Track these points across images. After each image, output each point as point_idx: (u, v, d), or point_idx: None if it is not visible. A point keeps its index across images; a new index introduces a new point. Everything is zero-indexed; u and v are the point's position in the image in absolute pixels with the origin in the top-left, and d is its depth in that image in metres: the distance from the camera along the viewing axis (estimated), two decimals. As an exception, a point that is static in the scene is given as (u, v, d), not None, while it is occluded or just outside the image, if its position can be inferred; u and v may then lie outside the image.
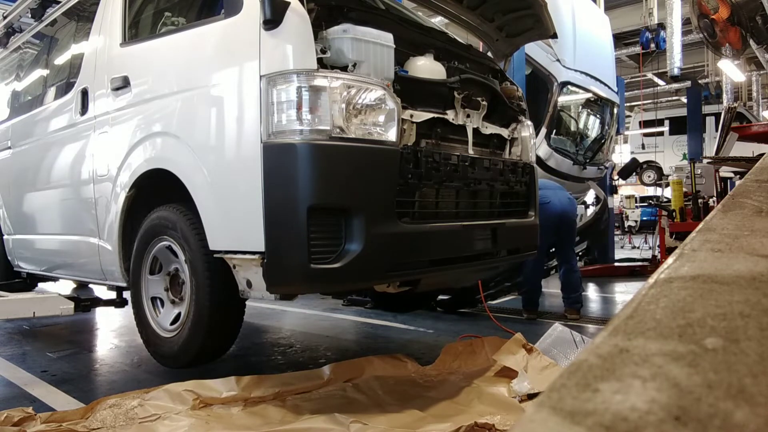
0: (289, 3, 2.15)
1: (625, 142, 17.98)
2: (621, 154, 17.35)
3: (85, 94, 3.22)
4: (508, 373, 2.49)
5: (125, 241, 2.94)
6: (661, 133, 17.01)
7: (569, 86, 6.49)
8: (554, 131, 6.50)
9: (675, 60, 9.68)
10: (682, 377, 0.43)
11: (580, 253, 7.31)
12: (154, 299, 2.84)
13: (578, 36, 6.43)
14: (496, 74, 3.20)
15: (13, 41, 4.53)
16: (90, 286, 4.56)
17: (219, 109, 2.35)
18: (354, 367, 2.56)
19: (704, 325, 0.53)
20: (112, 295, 3.44)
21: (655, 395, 0.41)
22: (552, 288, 6.61)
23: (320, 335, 3.82)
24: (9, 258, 4.34)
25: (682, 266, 0.72)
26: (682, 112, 15.95)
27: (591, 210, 7.99)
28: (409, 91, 2.42)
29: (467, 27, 3.49)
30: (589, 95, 6.82)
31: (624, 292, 6.07)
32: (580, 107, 7.06)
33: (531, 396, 2.31)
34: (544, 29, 3.35)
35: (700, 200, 6.57)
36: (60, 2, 3.90)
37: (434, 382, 2.52)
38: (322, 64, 2.18)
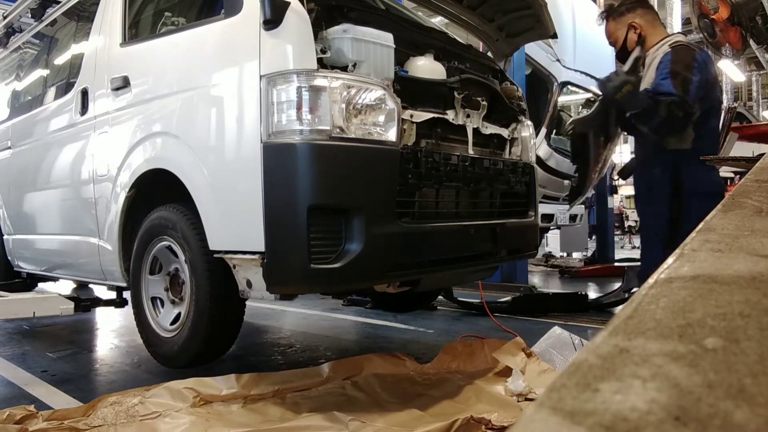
0: (289, 3, 2.15)
1: (625, 142, 17.95)
2: (621, 154, 17.33)
3: (85, 94, 3.22)
4: (508, 373, 2.49)
5: (125, 241, 2.94)
6: (661, 133, 16.93)
7: (569, 86, 6.49)
8: (554, 131, 6.50)
9: (675, 60, 9.65)
10: (682, 377, 0.43)
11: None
12: (154, 299, 2.84)
13: (578, 36, 6.43)
14: (496, 74, 3.20)
15: (13, 41, 4.53)
16: (90, 286, 4.56)
17: (219, 109, 2.35)
18: (353, 364, 2.56)
19: (704, 325, 0.53)
20: (112, 295, 3.44)
21: (655, 395, 0.41)
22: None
23: (320, 335, 3.82)
24: (9, 258, 4.34)
25: (682, 266, 0.72)
26: (682, 112, 15.88)
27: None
28: (409, 91, 2.42)
29: (467, 27, 3.49)
30: (589, 95, 6.82)
31: (624, 292, 6.05)
32: (580, 107, 7.06)
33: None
34: (544, 29, 3.35)
35: (700, 200, 6.56)
36: (60, 2, 3.90)
37: (433, 381, 2.53)
38: (322, 64, 2.18)
